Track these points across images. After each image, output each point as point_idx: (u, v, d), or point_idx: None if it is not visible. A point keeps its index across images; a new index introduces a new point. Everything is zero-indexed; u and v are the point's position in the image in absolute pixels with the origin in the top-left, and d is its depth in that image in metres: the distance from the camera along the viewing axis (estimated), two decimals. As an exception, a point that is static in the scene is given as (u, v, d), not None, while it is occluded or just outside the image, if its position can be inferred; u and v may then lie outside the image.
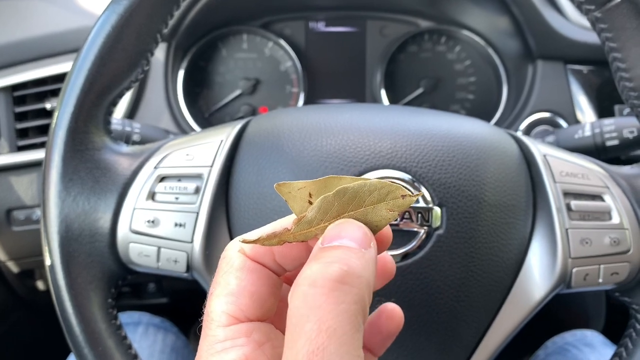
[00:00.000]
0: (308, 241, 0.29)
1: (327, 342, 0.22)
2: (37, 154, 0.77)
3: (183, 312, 1.02)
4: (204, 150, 0.47)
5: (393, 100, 0.92)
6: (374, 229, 0.28)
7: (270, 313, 0.29)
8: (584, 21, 0.83)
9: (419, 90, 0.92)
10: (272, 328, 0.29)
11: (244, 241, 0.28)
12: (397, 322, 0.33)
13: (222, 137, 0.48)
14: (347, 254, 0.25)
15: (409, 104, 0.92)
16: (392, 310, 0.33)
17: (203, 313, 0.29)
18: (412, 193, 0.28)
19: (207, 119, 0.92)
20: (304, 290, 0.24)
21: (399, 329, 0.33)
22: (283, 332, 0.29)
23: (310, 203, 0.28)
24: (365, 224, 0.28)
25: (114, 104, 0.46)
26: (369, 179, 0.28)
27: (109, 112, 0.46)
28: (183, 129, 0.82)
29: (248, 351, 0.27)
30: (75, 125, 0.43)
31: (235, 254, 0.29)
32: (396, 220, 0.43)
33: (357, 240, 0.26)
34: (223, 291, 0.28)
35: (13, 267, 0.88)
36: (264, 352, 0.27)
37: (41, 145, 0.78)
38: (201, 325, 0.28)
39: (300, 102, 0.92)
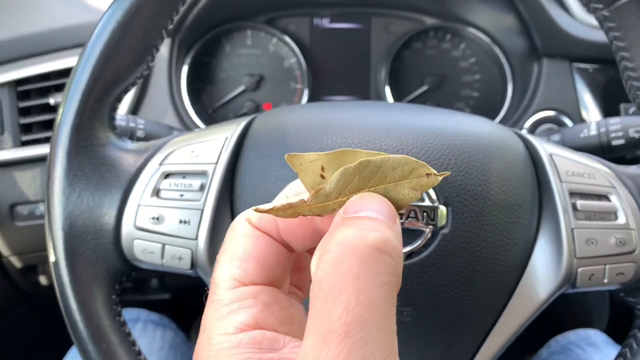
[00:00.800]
0: (318, 221, 0.28)
1: (367, 314, 0.21)
2: (41, 149, 0.77)
3: (184, 309, 1.02)
4: (209, 147, 0.47)
5: (397, 97, 0.92)
6: (395, 208, 0.26)
7: (280, 282, 0.28)
8: (590, 19, 0.82)
9: (424, 88, 0.92)
10: (279, 291, 0.28)
11: (257, 210, 0.27)
12: None
13: (227, 134, 0.48)
14: (379, 223, 0.23)
15: (413, 101, 0.92)
16: None
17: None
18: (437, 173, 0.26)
19: (211, 115, 0.92)
20: (337, 257, 0.22)
21: None
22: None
23: (322, 177, 0.26)
24: None
25: (119, 99, 0.46)
26: (391, 155, 0.26)
27: (114, 108, 0.46)
28: (187, 125, 0.82)
29: (256, 312, 0.26)
30: (80, 121, 0.43)
31: (241, 222, 0.29)
32: (404, 217, 0.43)
33: (383, 213, 0.24)
34: (228, 256, 0.28)
35: (16, 262, 0.88)
36: (272, 313, 0.26)
37: (45, 140, 0.78)
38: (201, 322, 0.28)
39: (304, 98, 0.91)
